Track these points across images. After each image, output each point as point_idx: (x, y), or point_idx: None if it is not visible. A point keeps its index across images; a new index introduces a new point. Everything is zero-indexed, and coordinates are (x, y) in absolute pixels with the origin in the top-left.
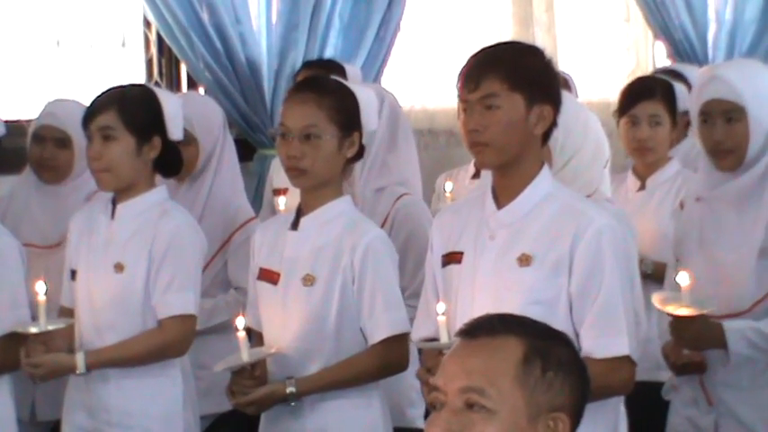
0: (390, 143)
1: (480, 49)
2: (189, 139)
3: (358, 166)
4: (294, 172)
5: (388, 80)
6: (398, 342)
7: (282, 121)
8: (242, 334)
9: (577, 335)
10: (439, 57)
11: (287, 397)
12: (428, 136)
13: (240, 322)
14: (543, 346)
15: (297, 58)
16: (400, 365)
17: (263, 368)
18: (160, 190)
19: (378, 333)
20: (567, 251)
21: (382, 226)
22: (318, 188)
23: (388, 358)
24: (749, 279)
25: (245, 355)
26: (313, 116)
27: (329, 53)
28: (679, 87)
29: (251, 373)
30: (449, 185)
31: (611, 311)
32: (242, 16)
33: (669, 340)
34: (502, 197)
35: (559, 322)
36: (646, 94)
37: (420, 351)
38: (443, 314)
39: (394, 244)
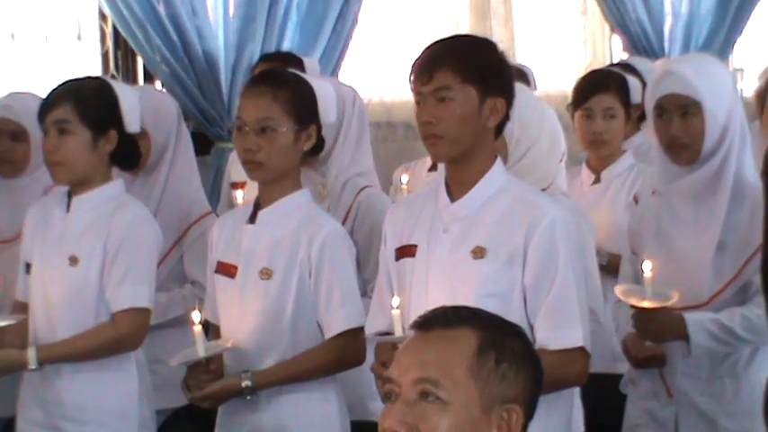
0: (358, 137)
1: (434, 41)
2: (140, 132)
3: (332, 157)
4: (250, 165)
5: (345, 73)
6: (355, 336)
7: (239, 115)
8: (198, 328)
9: (531, 327)
10: (396, 49)
11: (243, 391)
12: (386, 128)
13: (196, 316)
14: (497, 338)
15: (254, 52)
16: (356, 359)
17: (220, 362)
18: (116, 183)
19: (334, 327)
20: (521, 243)
21: (345, 218)
22: (276, 181)
23: (344, 352)
24: (707, 272)
25: (201, 349)
26: (268, 109)
27: (286, 46)
28: (632, 81)
29: (207, 368)
30: (405, 178)
31: (564, 303)
32: (199, 9)
33: (630, 333)
34: (455, 190)
35: (513, 314)
36: (600, 87)
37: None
38: (397, 308)
39: (357, 236)
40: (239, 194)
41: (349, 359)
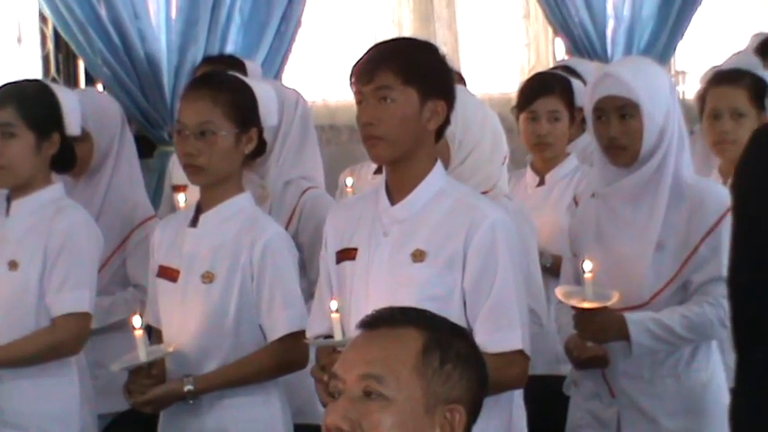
0: (301, 139)
1: (375, 43)
2: (83, 135)
3: (271, 159)
4: (191, 169)
5: (289, 75)
6: (297, 339)
7: (179, 118)
8: (139, 333)
9: (471, 330)
10: (340, 52)
11: (185, 395)
12: (330, 131)
13: (137, 321)
14: (443, 339)
15: (197, 54)
16: (299, 363)
17: (161, 367)
18: (56, 187)
19: (276, 330)
20: (461, 246)
21: (289, 219)
22: (217, 185)
23: (286, 356)
24: (647, 272)
25: (143, 354)
26: (208, 113)
27: (230, 49)
28: (576, 83)
29: (148, 372)
30: (349, 180)
31: (504, 306)
32: (140, 12)
33: (572, 335)
34: (395, 193)
35: (453, 317)
36: (544, 90)
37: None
38: (337, 311)
39: (302, 238)
40: (181, 198)
41: (291, 363)
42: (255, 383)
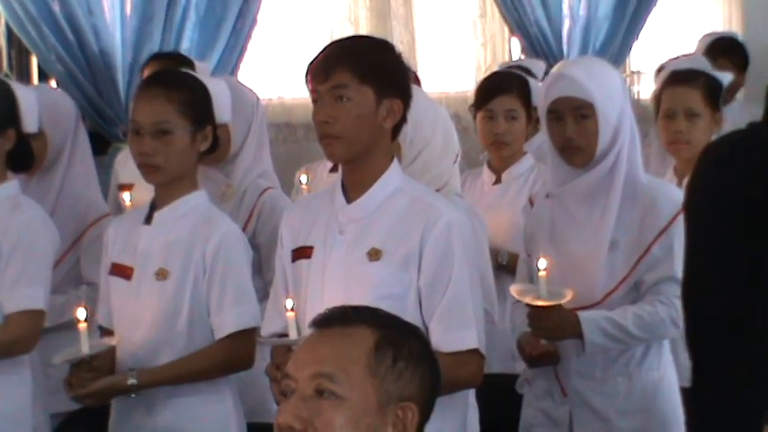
0: (260, 139)
1: (331, 41)
2: (37, 132)
3: (239, 159)
4: (147, 169)
5: (245, 73)
6: (245, 337)
7: (133, 117)
8: (83, 325)
9: (427, 329)
10: (296, 50)
11: (128, 389)
12: (286, 129)
13: (81, 313)
14: (395, 337)
15: (152, 51)
16: (244, 362)
17: (106, 361)
18: (11, 184)
19: (224, 328)
20: (417, 245)
21: (248, 219)
22: (172, 183)
23: (233, 353)
24: (600, 272)
25: (86, 346)
26: (164, 111)
27: (185, 46)
28: (533, 82)
29: (90, 365)
30: (304, 178)
31: (459, 305)
32: (95, 8)
33: (525, 332)
34: (351, 191)
35: (409, 316)
36: (502, 88)
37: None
38: (292, 310)
39: (260, 238)
40: (126, 196)
41: (238, 361)
42: (201, 380)
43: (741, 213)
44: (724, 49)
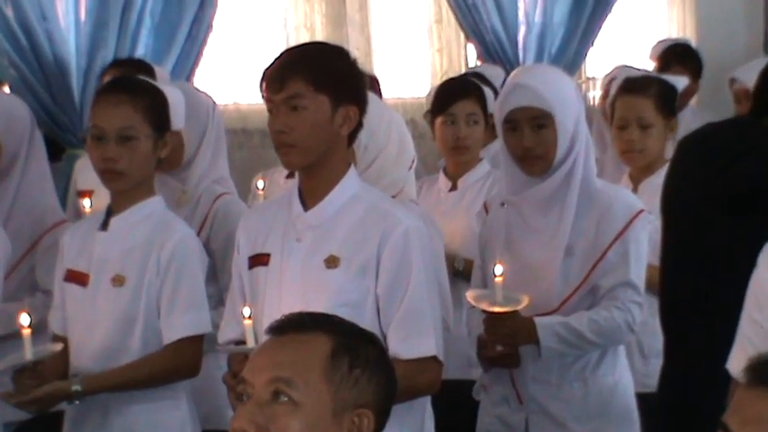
0: (216, 145)
1: (285, 49)
2: None
3: (194, 165)
4: (110, 175)
5: (200, 79)
6: (193, 344)
7: (95, 123)
8: (27, 331)
9: (385, 336)
10: (252, 55)
11: (72, 395)
12: (241, 135)
13: (25, 319)
14: (352, 344)
15: (107, 57)
16: (191, 369)
17: (53, 366)
18: None
19: (172, 333)
20: (374, 252)
21: (202, 225)
22: (131, 189)
23: (180, 360)
24: (556, 278)
25: (29, 352)
26: (129, 117)
27: (140, 52)
28: (486, 89)
29: (34, 371)
30: (260, 184)
31: (417, 312)
32: (49, 13)
33: (482, 335)
34: (309, 198)
35: (367, 324)
36: (463, 93)
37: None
38: (249, 317)
39: (214, 244)
40: (86, 203)
41: (184, 368)
42: (147, 387)
43: (716, 203)
44: (678, 55)
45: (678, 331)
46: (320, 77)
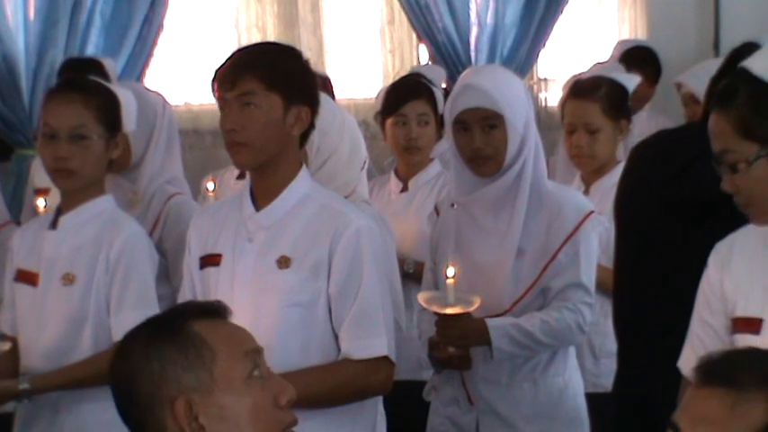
0: (168, 145)
1: (238, 49)
2: None
3: (143, 165)
4: (62, 174)
5: (151, 79)
6: None
7: (47, 122)
8: None
9: (337, 337)
10: (203, 56)
11: (19, 393)
12: (193, 136)
13: None
14: None
15: (56, 56)
16: None
17: (6, 365)
18: None
19: (122, 331)
20: (326, 253)
21: (154, 226)
22: (82, 188)
23: None
24: (508, 279)
25: None
26: (81, 117)
27: (90, 51)
28: (436, 90)
29: None
30: (210, 185)
31: (369, 312)
32: None
33: (433, 336)
34: (260, 199)
35: (319, 324)
36: (414, 93)
37: None
38: None
39: (166, 244)
40: (41, 202)
41: None
42: (96, 385)
43: (669, 209)
44: (638, 58)
45: (631, 333)
46: (273, 76)
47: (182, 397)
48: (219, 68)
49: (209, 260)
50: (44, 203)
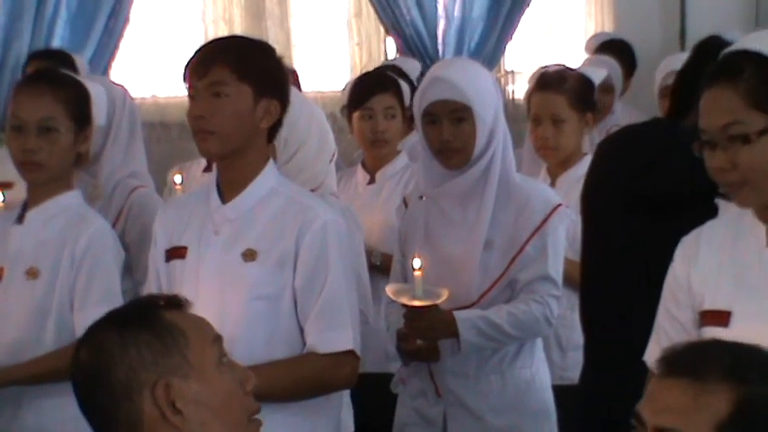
0: (130, 138)
1: (212, 40)
2: None
3: (103, 158)
4: (29, 166)
5: (117, 71)
6: None
7: (16, 113)
8: None
9: (302, 330)
10: (170, 48)
11: None
12: (160, 128)
13: None
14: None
15: (21, 49)
16: None
17: None
18: None
19: (84, 327)
20: (292, 246)
21: (117, 219)
22: (48, 182)
23: None
24: (475, 271)
25: None
26: (51, 109)
27: (56, 44)
28: (402, 83)
29: None
30: (178, 178)
31: (335, 306)
32: None
33: (401, 329)
34: (227, 192)
35: (284, 317)
36: (380, 87)
37: None
38: None
39: (128, 238)
40: None
41: None
42: (57, 381)
43: (635, 204)
44: (612, 51)
45: (598, 327)
46: (245, 67)
47: (162, 381)
48: (192, 57)
49: (175, 253)
50: (2, 198)
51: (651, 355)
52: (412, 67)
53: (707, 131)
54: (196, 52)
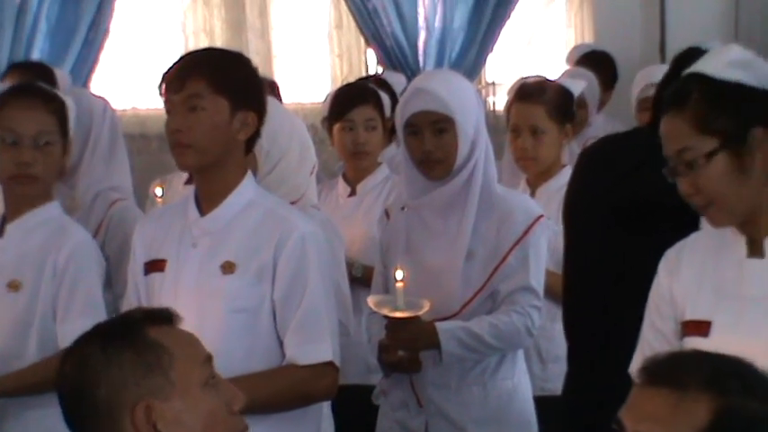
0: (110, 150)
1: (187, 52)
2: None
3: (81, 170)
4: (24, 179)
5: (97, 83)
6: None
7: (9, 127)
8: None
9: (282, 342)
10: (150, 60)
11: None
12: (140, 140)
13: None
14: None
15: (1, 61)
16: None
17: None
18: None
19: (67, 339)
20: (270, 258)
21: (96, 231)
22: (33, 195)
23: None
24: (457, 282)
25: None
26: (46, 122)
27: (36, 56)
28: (382, 94)
29: None
30: (159, 190)
31: (313, 318)
32: None
33: (383, 340)
34: (205, 204)
35: (263, 329)
36: (361, 99)
37: None
38: None
39: (108, 250)
40: None
41: None
42: (41, 393)
43: (615, 214)
44: (594, 63)
45: (581, 337)
46: (221, 80)
47: (142, 402)
48: (167, 71)
49: (154, 266)
50: None
51: (636, 366)
52: (398, 81)
53: (668, 158)
54: (171, 66)
